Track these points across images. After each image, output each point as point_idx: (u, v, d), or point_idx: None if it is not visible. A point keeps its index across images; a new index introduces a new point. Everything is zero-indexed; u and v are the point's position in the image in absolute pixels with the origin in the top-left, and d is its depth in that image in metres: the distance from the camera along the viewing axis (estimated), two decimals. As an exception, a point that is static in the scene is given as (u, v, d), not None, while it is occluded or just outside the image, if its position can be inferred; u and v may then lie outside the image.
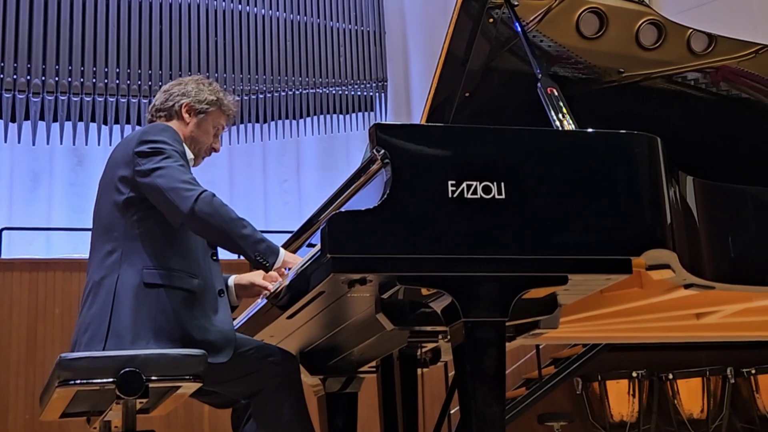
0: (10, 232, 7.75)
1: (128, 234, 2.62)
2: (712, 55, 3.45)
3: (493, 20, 3.15)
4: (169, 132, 2.71)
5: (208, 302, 2.64)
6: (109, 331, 2.52)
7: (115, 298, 2.55)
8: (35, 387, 6.30)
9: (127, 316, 2.53)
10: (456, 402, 2.33)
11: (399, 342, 2.75)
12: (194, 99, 2.84)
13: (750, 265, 2.60)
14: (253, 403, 2.64)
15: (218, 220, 2.51)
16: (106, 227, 2.68)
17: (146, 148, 2.63)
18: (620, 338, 3.91)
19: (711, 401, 6.77)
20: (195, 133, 2.84)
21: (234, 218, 2.53)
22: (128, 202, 2.64)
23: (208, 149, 2.89)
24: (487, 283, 2.21)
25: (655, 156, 2.41)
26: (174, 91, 2.87)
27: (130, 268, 2.58)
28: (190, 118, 2.84)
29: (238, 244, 2.53)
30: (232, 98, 2.97)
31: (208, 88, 2.89)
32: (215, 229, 2.54)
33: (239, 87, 9.12)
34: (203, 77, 2.97)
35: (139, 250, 2.60)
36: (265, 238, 2.57)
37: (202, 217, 2.51)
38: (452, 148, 2.26)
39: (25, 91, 8.39)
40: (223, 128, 2.93)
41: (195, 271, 2.64)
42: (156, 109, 2.88)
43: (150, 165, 2.60)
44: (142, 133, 2.69)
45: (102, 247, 2.66)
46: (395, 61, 9.98)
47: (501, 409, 2.19)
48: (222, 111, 2.90)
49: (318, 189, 9.08)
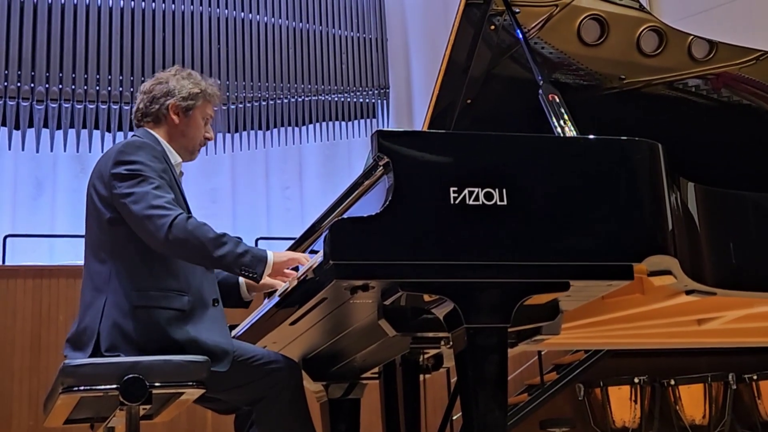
0: (14, 239, 7.76)
1: (116, 254, 2.62)
2: (713, 62, 3.45)
3: (494, 27, 3.16)
4: (145, 150, 2.66)
5: (199, 317, 2.62)
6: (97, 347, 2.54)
7: (103, 319, 2.55)
8: (39, 393, 6.30)
9: (114, 338, 2.53)
10: (458, 408, 2.33)
11: (401, 348, 2.75)
12: (178, 97, 2.80)
13: (751, 271, 2.60)
14: (256, 410, 2.64)
15: (194, 242, 2.49)
16: (95, 244, 2.68)
17: (123, 170, 2.60)
18: (622, 344, 3.91)
19: (713, 407, 6.77)
20: (186, 132, 2.82)
21: (210, 238, 2.50)
22: (112, 221, 2.63)
23: (202, 141, 2.87)
24: (489, 290, 2.22)
25: (657, 162, 2.42)
26: (156, 91, 2.82)
27: (119, 290, 2.58)
28: (179, 118, 2.81)
29: (220, 264, 2.53)
30: (213, 81, 2.92)
31: (189, 81, 2.84)
32: (193, 253, 2.53)
33: (242, 94, 9.13)
34: (180, 69, 2.91)
35: (127, 270, 2.60)
36: (249, 249, 2.54)
37: (178, 243, 2.49)
38: (454, 154, 2.27)
39: (28, 99, 8.40)
40: (212, 116, 2.89)
41: (185, 288, 2.63)
42: (142, 113, 2.84)
43: (125, 189, 2.57)
44: (118, 153, 2.65)
45: (91, 264, 2.66)
46: (397, 68, 10.00)
47: (503, 415, 2.19)
48: (207, 100, 2.86)
49: (320, 196, 9.09)
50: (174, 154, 2.80)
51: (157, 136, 2.80)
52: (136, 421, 2.47)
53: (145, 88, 2.87)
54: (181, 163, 2.84)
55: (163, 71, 2.92)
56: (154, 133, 2.81)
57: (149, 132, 2.81)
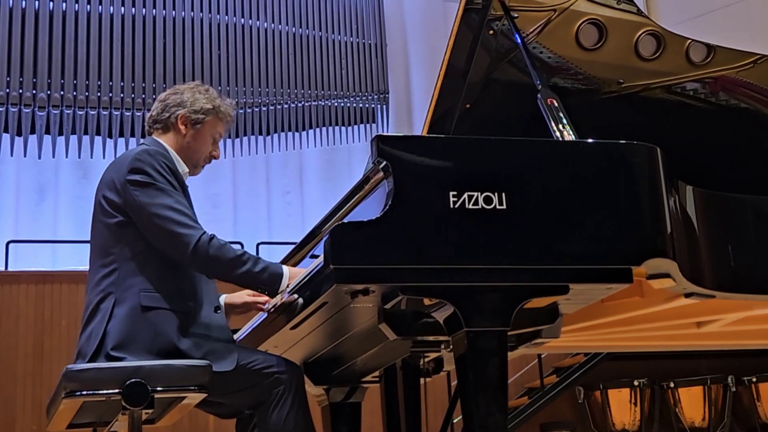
0: (17, 245, 7.77)
1: (123, 256, 2.64)
2: (711, 66, 3.47)
3: (493, 32, 3.17)
4: (158, 158, 2.68)
5: (203, 319, 2.66)
6: (102, 347, 2.55)
7: (111, 319, 2.57)
8: (42, 398, 6.30)
9: (123, 336, 2.55)
10: (459, 411, 2.34)
11: (402, 352, 2.77)
12: (190, 109, 2.83)
13: (750, 273, 2.61)
14: (257, 414, 2.65)
15: (217, 263, 2.57)
16: (101, 248, 2.70)
17: (139, 178, 2.63)
18: (621, 347, 3.92)
19: (712, 409, 6.77)
20: (192, 144, 2.84)
21: (231, 258, 2.57)
22: (120, 224, 2.65)
23: (207, 158, 2.89)
24: (488, 293, 2.22)
25: (655, 166, 2.43)
26: (170, 101, 2.85)
27: (127, 291, 2.60)
28: (186, 129, 2.83)
29: (240, 282, 2.60)
30: (229, 102, 2.94)
31: (204, 96, 2.86)
32: (214, 272, 2.64)
33: (242, 100, 9.14)
34: (199, 84, 2.93)
35: (135, 272, 2.62)
36: (267, 265, 2.60)
37: (201, 262, 2.58)
38: (453, 159, 2.28)
39: (30, 105, 8.41)
40: (221, 135, 2.91)
41: (189, 293, 2.67)
42: (153, 120, 2.87)
43: (145, 198, 2.61)
44: (133, 160, 2.67)
45: (98, 269, 2.68)
46: (396, 73, 10.00)
47: (503, 418, 2.20)
48: (219, 118, 2.87)
49: (321, 200, 9.10)
50: (182, 164, 2.82)
51: (165, 144, 2.82)
52: (138, 425, 2.48)
53: (161, 96, 2.90)
54: (187, 173, 2.85)
55: (184, 84, 2.95)
56: (162, 141, 2.83)
57: (157, 140, 2.83)
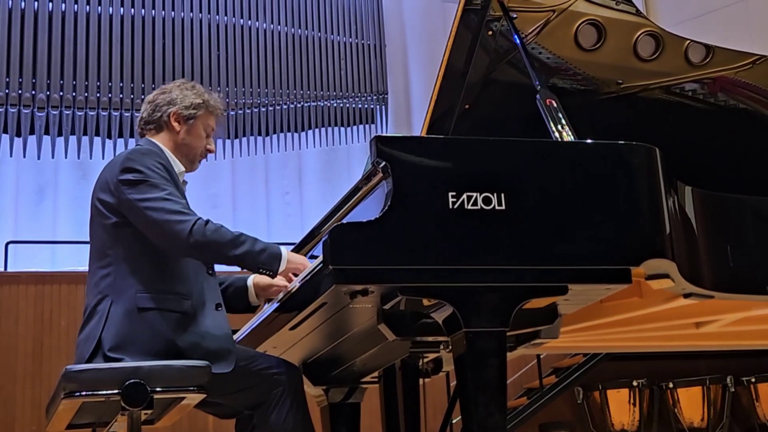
0: (16, 245, 7.77)
1: (120, 257, 2.65)
2: (710, 66, 3.47)
3: (492, 33, 3.18)
4: (151, 156, 2.70)
5: (203, 319, 2.66)
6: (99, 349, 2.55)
7: (108, 321, 2.58)
8: (41, 399, 6.30)
9: (120, 338, 2.56)
10: (458, 412, 2.34)
11: (401, 352, 2.77)
12: (180, 106, 2.84)
13: (749, 274, 2.61)
14: (256, 415, 2.65)
15: (215, 246, 2.56)
16: (99, 250, 2.71)
17: (131, 177, 2.63)
18: (620, 347, 3.92)
19: (711, 410, 6.77)
20: (187, 140, 2.85)
21: (229, 239, 2.56)
22: (116, 225, 2.66)
23: (203, 152, 2.90)
24: (487, 294, 2.23)
25: (654, 166, 2.43)
26: (159, 100, 2.86)
27: (124, 292, 2.61)
28: (179, 126, 2.84)
29: (239, 264, 2.60)
30: (217, 95, 2.96)
31: (192, 92, 2.88)
32: (213, 256, 2.62)
33: (241, 100, 9.14)
34: (185, 81, 2.95)
35: (131, 273, 2.63)
36: (266, 246, 2.60)
37: (199, 247, 2.56)
38: (452, 159, 2.28)
39: (30, 106, 8.41)
40: (213, 129, 2.92)
41: (187, 292, 2.67)
42: (145, 121, 2.88)
43: (137, 195, 2.61)
44: (125, 160, 2.68)
45: (96, 271, 2.69)
46: (395, 73, 10.01)
47: (502, 419, 2.20)
48: (210, 112, 2.89)
49: (320, 201, 9.10)
50: (177, 164, 2.82)
51: (160, 144, 2.82)
52: (137, 425, 2.48)
53: (149, 98, 2.91)
54: (184, 172, 2.86)
55: (169, 83, 2.95)
56: (156, 142, 2.83)
57: (152, 141, 2.84)
